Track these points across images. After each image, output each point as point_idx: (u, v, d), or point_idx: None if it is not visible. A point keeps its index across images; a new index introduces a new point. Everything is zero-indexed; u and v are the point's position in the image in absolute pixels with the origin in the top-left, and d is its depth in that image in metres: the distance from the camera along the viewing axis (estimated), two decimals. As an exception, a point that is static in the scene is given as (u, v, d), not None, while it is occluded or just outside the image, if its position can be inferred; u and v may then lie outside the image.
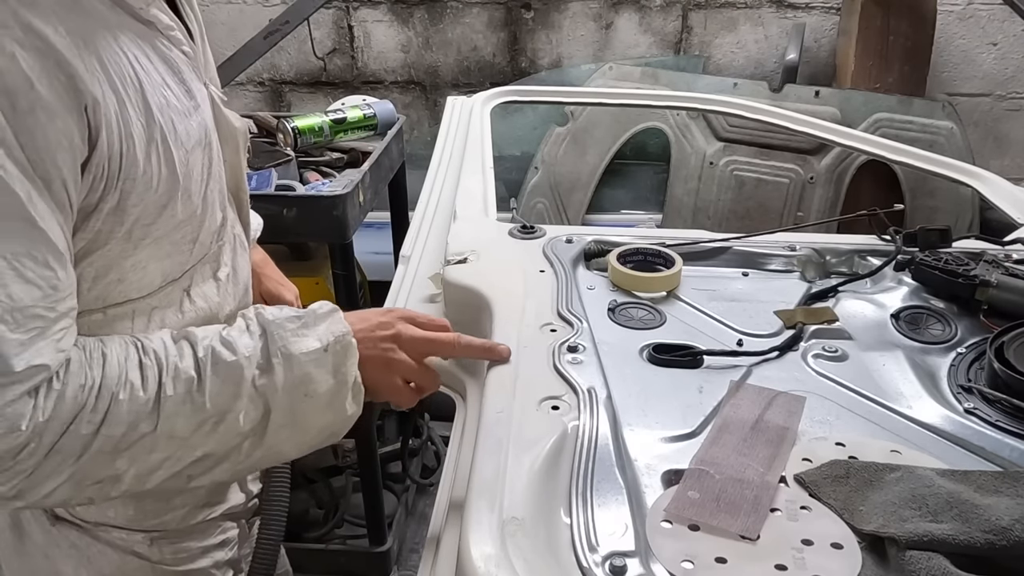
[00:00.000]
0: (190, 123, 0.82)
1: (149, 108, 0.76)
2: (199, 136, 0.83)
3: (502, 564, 0.63)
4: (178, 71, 0.82)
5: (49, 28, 0.66)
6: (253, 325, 0.82)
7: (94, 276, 0.78)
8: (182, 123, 0.80)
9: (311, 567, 2.12)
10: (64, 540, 0.91)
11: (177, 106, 0.80)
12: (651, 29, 2.86)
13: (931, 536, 0.65)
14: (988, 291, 1.04)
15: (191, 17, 0.91)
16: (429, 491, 2.51)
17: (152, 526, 0.93)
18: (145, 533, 0.93)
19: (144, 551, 0.93)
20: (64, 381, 0.70)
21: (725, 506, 0.72)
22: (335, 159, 2.02)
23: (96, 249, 0.76)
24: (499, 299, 1.06)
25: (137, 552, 0.93)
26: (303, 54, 3.02)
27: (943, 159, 1.64)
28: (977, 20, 2.74)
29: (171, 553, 0.95)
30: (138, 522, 0.92)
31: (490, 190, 1.45)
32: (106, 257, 0.78)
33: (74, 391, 0.70)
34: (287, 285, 1.26)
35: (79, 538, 0.91)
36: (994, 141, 2.88)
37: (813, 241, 1.25)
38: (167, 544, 0.94)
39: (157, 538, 0.93)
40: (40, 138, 0.66)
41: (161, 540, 0.94)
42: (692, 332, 1.03)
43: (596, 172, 2.72)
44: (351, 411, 0.85)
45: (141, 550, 0.93)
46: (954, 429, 0.85)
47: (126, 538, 0.92)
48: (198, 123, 0.84)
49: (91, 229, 0.75)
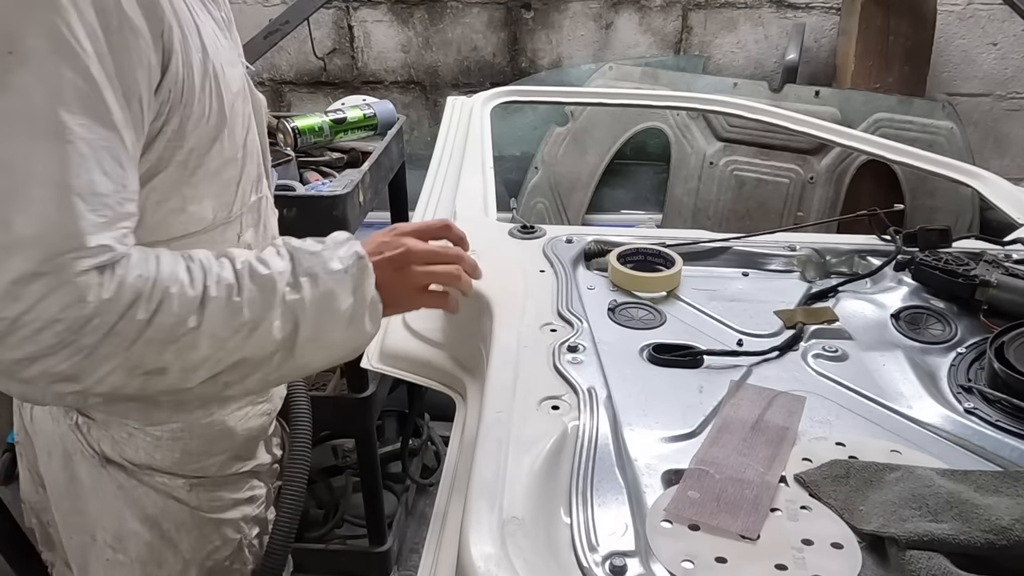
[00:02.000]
0: (234, 71, 0.92)
1: (204, 47, 0.85)
2: (240, 86, 0.94)
3: (502, 564, 0.63)
4: (224, 27, 0.94)
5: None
6: (282, 250, 0.89)
7: (157, 201, 0.86)
8: (229, 69, 0.90)
9: (311, 567, 2.12)
10: (112, 481, 0.97)
11: (225, 54, 0.90)
12: (651, 29, 2.86)
13: (931, 536, 0.65)
14: (988, 291, 1.04)
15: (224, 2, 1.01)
16: (429, 491, 2.50)
17: (193, 471, 1.00)
18: (186, 479, 1.00)
19: (184, 496, 1.00)
20: (126, 268, 0.76)
21: (725, 506, 0.72)
22: (335, 159, 2.02)
23: (158, 172, 0.85)
24: (499, 299, 1.07)
25: (177, 497, 0.99)
26: (303, 54, 3.02)
27: (943, 159, 1.64)
28: (977, 20, 2.74)
29: (208, 500, 1.02)
30: (181, 466, 0.99)
31: (490, 190, 1.45)
32: (166, 183, 0.86)
33: (134, 279, 0.76)
34: None
35: (126, 480, 0.97)
36: (994, 141, 2.88)
37: (813, 241, 1.25)
38: (204, 491, 1.01)
39: (196, 485, 1.00)
40: (125, 55, 0.75)
41: (199, 487, 1.01)
42: (692, 332, 1.03)
43: (596, 172, 2.72)
44: (369, 328, 0.91)
45: (181, 495, 1.00)
46: (954, 429, 0.85)
47: (168, 483, 0.99)
48: (240, 74, 0.94)
49: (155, 151, 0.83)
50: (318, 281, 0.87)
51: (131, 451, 0.97)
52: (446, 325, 1.23)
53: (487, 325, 1.03)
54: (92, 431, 0.96)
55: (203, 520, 1.02)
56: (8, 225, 0.70)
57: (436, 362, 1.20)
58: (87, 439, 0.96)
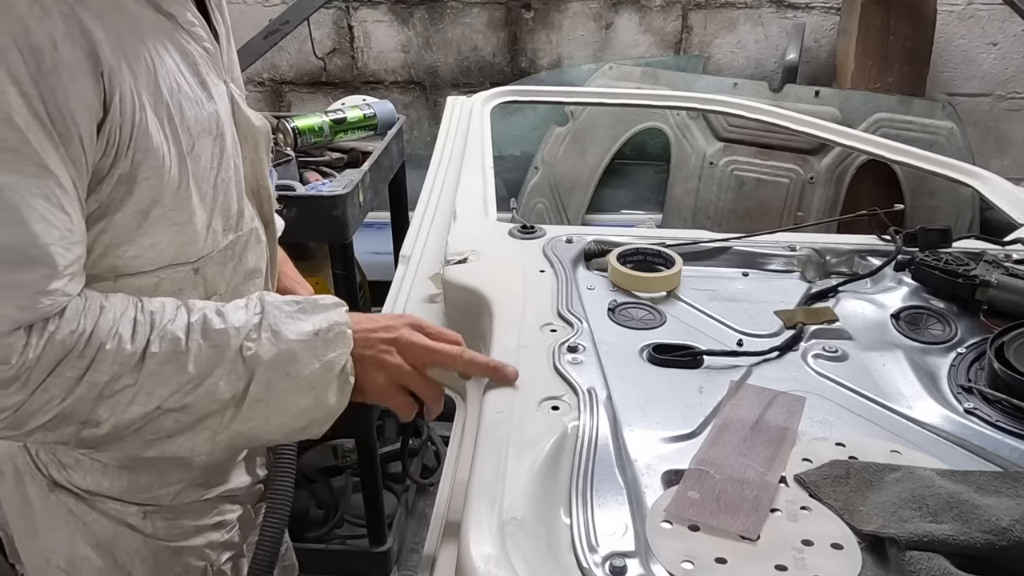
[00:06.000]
0: (200, 111, 0.86)
1: (159, 88, 0.81)
2: (208, 126, 0.88)
3: (502, 564, 0.63)
4: (194, 63, 0.87)
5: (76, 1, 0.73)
6: (252, 303, 0.85)
7: (107, 244, 0.83)
8: (191, 109, 0.85)
9: (311, 567, 2.11)
10: (61, 506, 0.94)
11: (189, 93, 0.85)
12: (651, 29, 2.86)
13: (931, 536, 0.65)
14: (988, 291, 1.04)
15: (219, 20, 0.96)
16: (429, 491, 2.50)
17: (145, 499, 0.96)
18: (139, 506, 0.96)
19: (137, 523, 0.96)
20: (58, 325, 0.74)
21: (725, 506, 0.72)
22: (335, 159, 2.02)
23: (108, 215, 0.81)
24: (499, 299, 1.06)
25: (130, 524, 0.96)
26: (303, 54, 3.02)
27: (943, 159, 1.64)
28: (977, 20, 2.74)
29: (164, 528, 0.97)
30: (131, 494, 0.95)
31: (490, 190, 1.45)
32: (118, 227, 0.82)
33: (64, 335, 0.74)
34: (303, 284, 1.29)
35: (76, 505, 0.94)
36: (994, 141, 2.88)
37: (813, 241, 1.25)
38: (160, 519, 0.97)
39: (150, 512, 0.96)
40: (61, 96, 0.71)
41: (154, 514, 0.97)
42: (692, 332, 1.03)
43: (596, 172, 2.72)
44: (332, 401, 0.84)
45: (134, 522, 0.96)
46: (954, 429, 0.85)
47: (120, 509, 0.95)
48: (209, 114, 0.88)
49: (103, 193, 0.79)
50: (279, 339, 0.81)
51: (79, 477, 0.94)
52: (446, 325, 1.23)
53: (487, 325, 1.03)
54: (40, 455, 0.94)
55: (159, 549, 0.97)
56: None
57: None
58: (36, 462, 0.94)
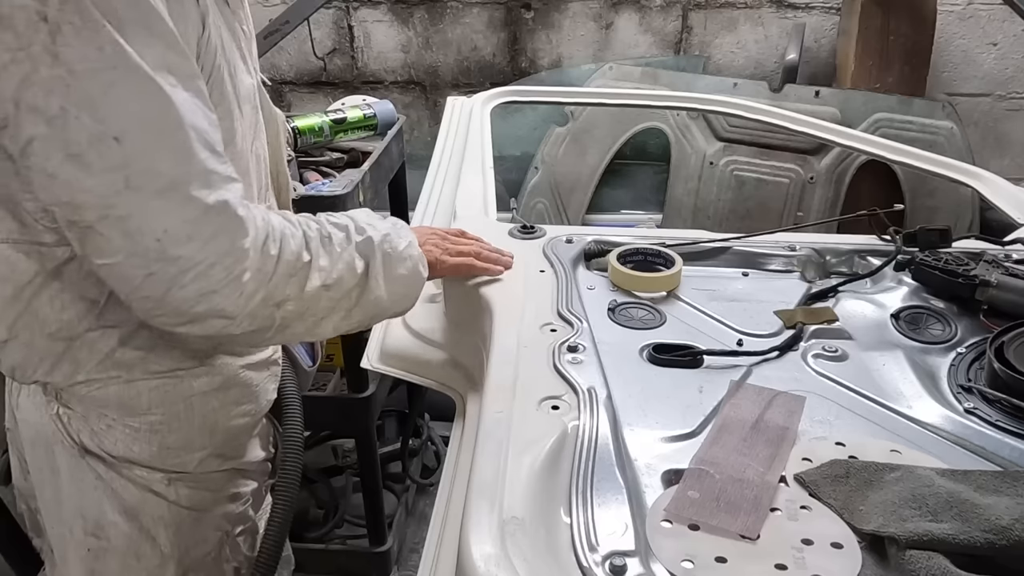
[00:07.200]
0: (245, 78, 0.97)
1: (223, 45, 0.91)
2: (249, 93, 0.99)
3: (502, 564, 0.63)
4: (238, 38, 0.98)
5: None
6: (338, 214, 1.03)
7: None
8: (240, 75, 0.96)
9: (311, 567, 2.12)
10: (91, 472, 0.99)
11: (239, 63, 0.96)
12: (651, 29, 2.86)
13: (931, 536, 0.65)
14: (988, 291, 1.04)
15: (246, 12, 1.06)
16: (429, 491, 2.50)
17: (172, 466, 1.01)
18: (164, 473, 1.01)
19: (162, 490, 1.01)
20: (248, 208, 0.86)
21: (725, 506, 0.72)
22: (335, 159, 2.02)
23: None
24: (499, 299, 1.07)
25: (155, 491, 1.01)
26: (303, 54, 3.02)
27: (943, 159, 1.64)
28: (977, 20, 2.74)
29: (187, 496, 1.03)
30: (160, 460, 1.01)
31: (490, 190, 1.45)
32: None
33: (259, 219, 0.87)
34: None
35: (105, 471, 0.99)
36: (994, 141, 2.88)
37: (813, 241, 1.25)
38: (184, 486, 1.03)
39: (175, 479, 1.02)
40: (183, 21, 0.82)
41: (178, 482, 1.02)
42: (692, 332, 1.03)
43: (596, 172, 2.72)
44: (423, 271, 1.06)
45: (159, 489, 1.01)
46: (954, 429, 0.85)
47: (146, 476, 1.00)
48: (250, 83, 0.99)
49: None
50: (375, 228, 1.02)
51: (109, 443, 0.98)
52: (446, 325, 1.23)
53: (487, 325, 1.03)
54: (72, 422, 0.97)
55: (182, 515, 1.03)
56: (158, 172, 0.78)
57: (436, 362, 1.20)
58: (67, 429, 0.97)
